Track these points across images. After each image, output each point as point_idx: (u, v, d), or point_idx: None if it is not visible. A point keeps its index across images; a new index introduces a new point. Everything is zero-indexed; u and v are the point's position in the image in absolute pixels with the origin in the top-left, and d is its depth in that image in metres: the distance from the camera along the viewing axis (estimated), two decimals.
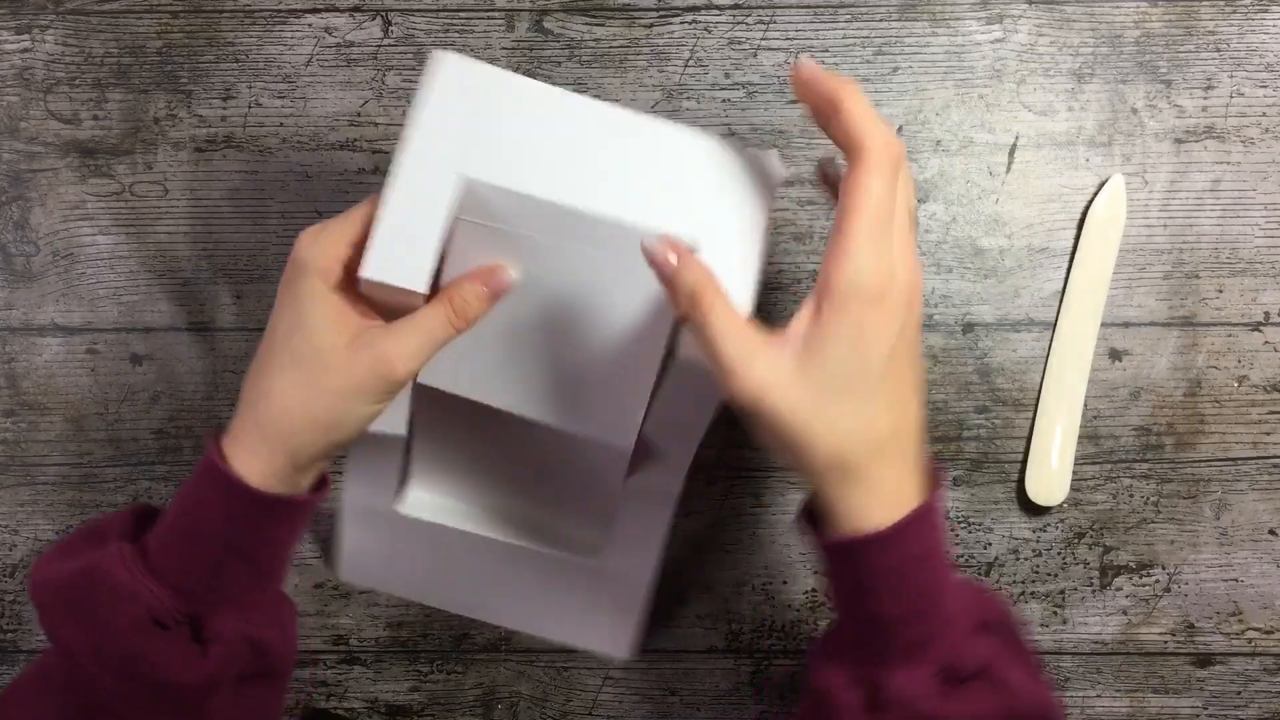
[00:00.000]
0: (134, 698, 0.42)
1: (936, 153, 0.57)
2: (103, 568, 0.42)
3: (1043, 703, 0.42)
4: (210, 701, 0.43)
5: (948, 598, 0.42)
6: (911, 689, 0.41)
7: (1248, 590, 0.57)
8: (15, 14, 0.57)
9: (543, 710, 0.58)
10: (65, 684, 0.43)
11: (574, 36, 0.57)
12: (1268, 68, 0.57)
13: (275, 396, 0.42)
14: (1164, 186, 0.57)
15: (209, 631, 0.43)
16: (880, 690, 0.41)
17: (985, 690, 0.41)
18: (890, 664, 0.41)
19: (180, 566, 0.42)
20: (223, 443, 0.43)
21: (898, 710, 0.40)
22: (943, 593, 0.42)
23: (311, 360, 0.42)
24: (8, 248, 0.57)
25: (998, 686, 0.41)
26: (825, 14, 0.57)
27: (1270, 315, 0.57)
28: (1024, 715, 0.41)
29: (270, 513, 0.43)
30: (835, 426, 0.40)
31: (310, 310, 0.42)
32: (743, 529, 0.58)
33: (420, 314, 0.43)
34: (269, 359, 0.43)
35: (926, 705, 0.40)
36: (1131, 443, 0.57)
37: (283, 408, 0.42)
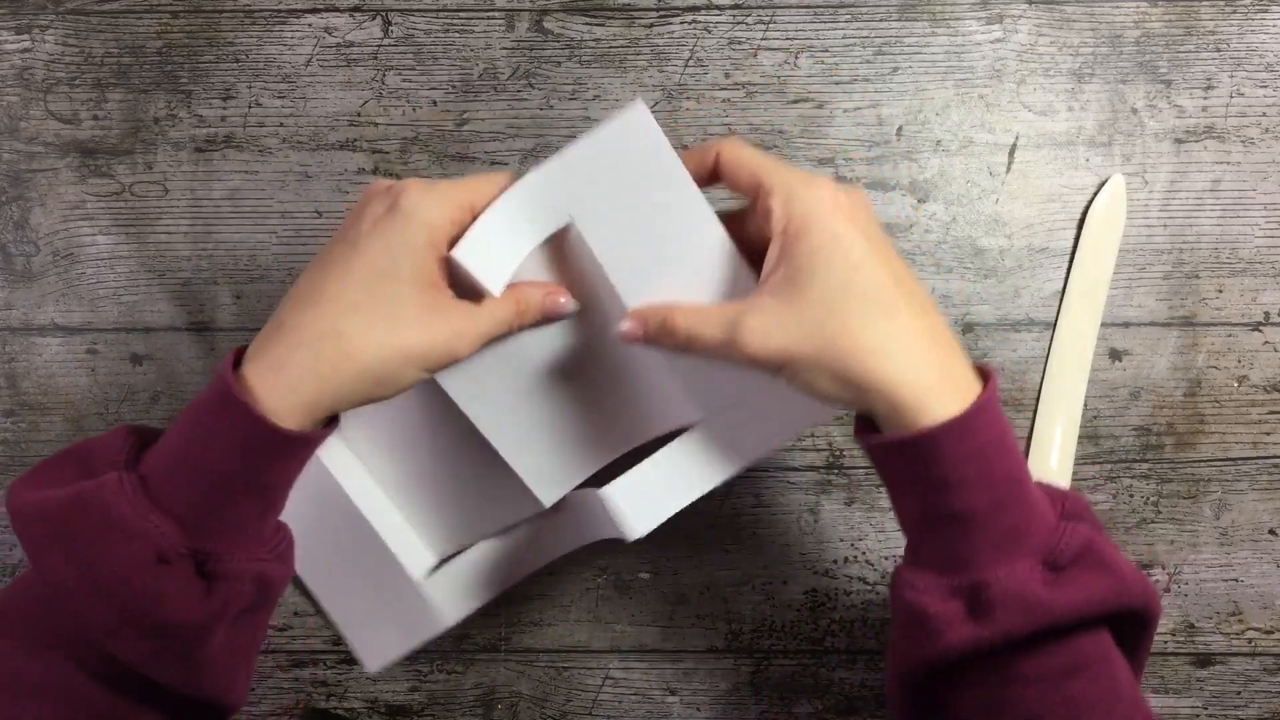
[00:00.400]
0: (129, 634, 0.40)
1: (936, 153, 0.57)
2: (100, 498, 0.39)
3: (1148, 585, 0.40)
4: (211, 638, 0.41)
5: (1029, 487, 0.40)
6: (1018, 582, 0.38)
7: (1248, 590, 0.57)
8: (15, 14, 0.57)
9: (543, 710, 0.58)
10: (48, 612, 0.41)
11: (574, 36, 0.57)
12: (1268, 68, 0.57)
13: (348, 338, 0.40)
14: (1164, 186, 0.57)
15: (214, 567, 0.40)
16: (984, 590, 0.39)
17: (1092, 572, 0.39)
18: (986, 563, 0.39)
19: (187, 499, 0.40)
20: (247, 370, 0.41)
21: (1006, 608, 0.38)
22: (1025, 480, 0.40)
23: (393, 311, 0.41)
24: (8, 248, 0.57)
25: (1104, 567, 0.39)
26: (825, 14, 0.57)
27: (1270, 315, 0.57)
28: (1134, 596, 0.39)
29: (289, 449, 0.41)
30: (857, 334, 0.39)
31: (406, 261, 0.41)
32: (743, 529, 0.58)
33: (494, 303, 0.44)
34: (341, 295, 0.41)
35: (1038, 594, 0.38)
36: (1131, 443, 0.57)
37: (349, 351, 0.40)
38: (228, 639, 0.42)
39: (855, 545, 0.57)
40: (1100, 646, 0.40)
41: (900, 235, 0.57)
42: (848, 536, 0.57)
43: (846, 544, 0.57)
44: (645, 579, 0.58)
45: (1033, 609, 0.38)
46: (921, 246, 0.57)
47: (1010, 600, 0.38)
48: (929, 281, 0.57)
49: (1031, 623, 0.38)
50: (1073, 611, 0.38)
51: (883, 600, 0.57)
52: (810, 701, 0.58)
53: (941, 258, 0.57)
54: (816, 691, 0.58)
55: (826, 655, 0.58)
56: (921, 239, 0.57)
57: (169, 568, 0.39)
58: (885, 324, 0.39)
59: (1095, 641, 0.39)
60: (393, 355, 0.41)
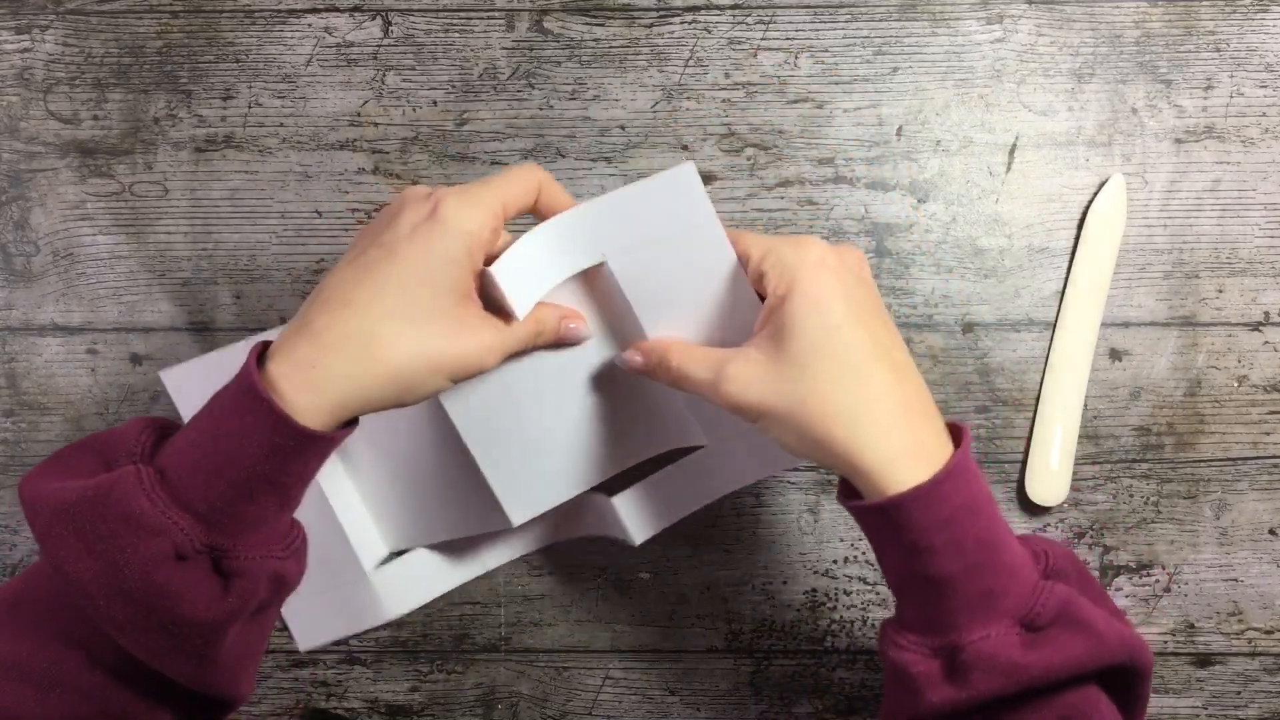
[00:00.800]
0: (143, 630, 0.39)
1: (936, 153, 0.57)
2: (119, 492, 0.39)
3: (1130, 641, 0.40)
4: (225, 635, 0.41)
5: (1007, 547, 0.41)
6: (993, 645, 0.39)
7: (1248, 590, 0.57)
8: (15, 14, 0.57)
9: (543, 710, 0.58)
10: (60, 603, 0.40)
11: (574, 36, 0.57)
12: (1268, 68, 0.57)
13: (383, 343, 0.41)
14: (1164, 186, 0.57)
15: (231, 565, 0.40)
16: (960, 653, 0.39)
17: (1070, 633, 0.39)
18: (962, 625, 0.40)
19: (206, 496, 0.39)
20: (272, 368, 0.40)
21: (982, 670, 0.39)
22: (1001, 542, 0.40)
23: (429, 320, 0.41)
24: (8, 248, 0.57)
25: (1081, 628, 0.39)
26: (825, 14, 0.57)
27: (1270, 315, 0.57)
28: (1114, 654, 0.39)
29: (312, 448, 0.41)
30: (827, 394, 0.40)
31: (444, 271, 0.41)
32: (743, 529, 0.58)
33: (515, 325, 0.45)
34: (376, 300, 0.41)
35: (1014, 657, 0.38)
36: (1131, 443, 0.57)
37: (380, 356, 0.41)
38: (240, 635, 0.42)
39: (855, 545, 0.57)
40: (1087, 702, 0.39)
41: (900, 235, 0.57)
42: (848, 536, 0.57)
43: (846, 544, 0.57)
44: (645, 579, 0.58)
45: (1009, 672, 0.38)
46: (921, 246, 0.57)
47: (986, 663, 0.39)
48: (929, 281, 0.57)
49: (1009, 685, 0.38)
50: (1049, 673, 0.38)
51: (883, 600, 0.57)
52: (810, 701, 0.58)
53: (941, 258, 0.57)
54: (816, 691, 0.58)
55: (826, 655, 0.58)
56: (921, 239, 0.57)
57: (187, 564, 0.39)
58: (856, 389, 0.40)
59: (1082, 696, 0.39)
60: (424, 363, 0.41)
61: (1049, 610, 0.39)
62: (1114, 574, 0.57)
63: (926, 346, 0.57)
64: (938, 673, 0.40)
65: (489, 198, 0.43)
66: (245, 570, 0.40)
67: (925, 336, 0.57)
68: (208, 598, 0.40)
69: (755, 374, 0.42)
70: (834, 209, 0.57)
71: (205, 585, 0.40)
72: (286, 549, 0.43)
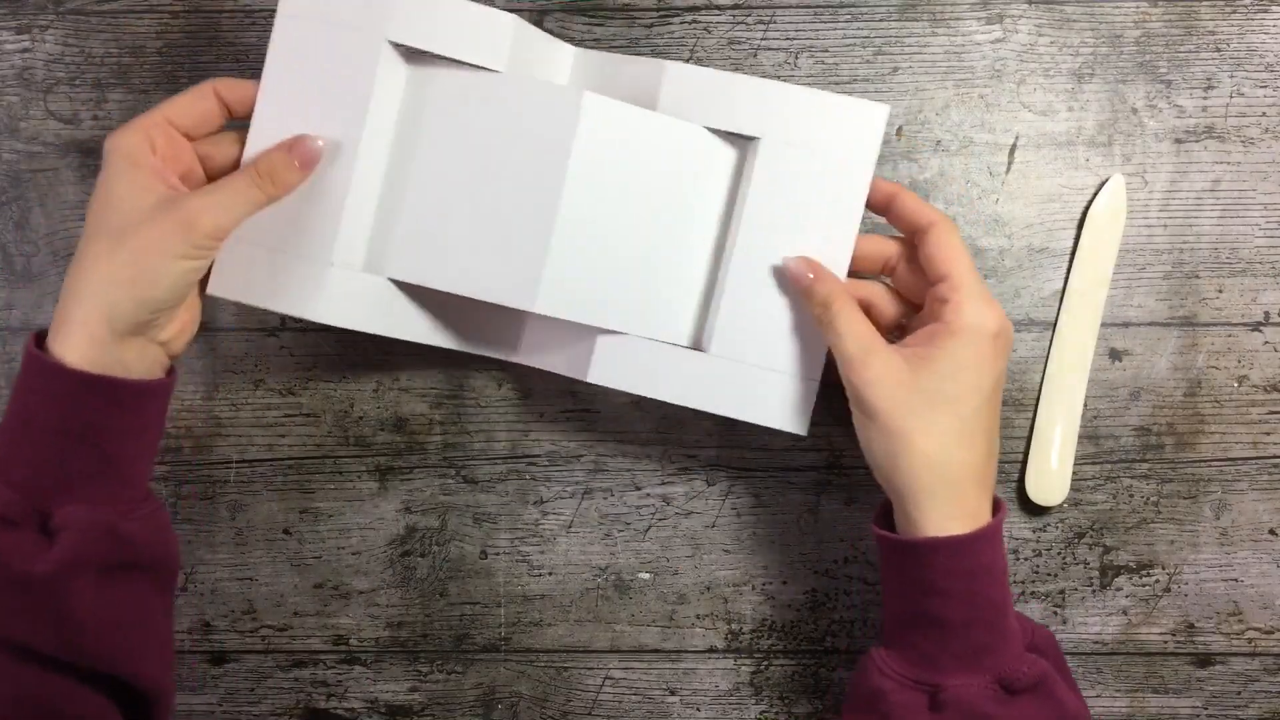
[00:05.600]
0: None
1: (936, 153, 0.57)
2: None
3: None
4: (68, 591, 0.42)
5: (1008, 614, 0.45)
6: (970, 693, 0.43)
7: (1248, 590, 0.57)
8: (15, 14, 0.57)
9: (543, 710, 0.58)
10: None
11: (574, 36, 0.57)
12: (1268, 68, 0.57)
13: (85, 264, 0.43)
14: (1164, 186, 0.57)
15: (55, 521, 0.42)
16: (941, 691, 0.43)
17: (1041, 703, 0.43)
18: (950, 669, 0.44)
19: (19, 460, 0.43)
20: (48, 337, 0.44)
21: (957, 711, 0.43)
22: (1005, 608, 0.45)
23: (118, 225, 0.43)
24: (8, 248, 0.57)
25: (1051, 702, 0.43)
26: (825, 14, 0.57)
27: (1270, 315, 0.57)
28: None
29: (98, 393, 0.43)
30: (937, 435, 0.44)
31: (116, 183, 0.44)
32: (743, 529, 0.58)
33: (229, 176, 0.46)
34: (83, 242, 0.44)
35: (986, 710, 0.42)
36: (1131, 443, 0.57)
37: (90, 270, 0.43)
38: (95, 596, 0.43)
39: (855, 545, 0.57)
40: None
41: None
42: (848, 536, 0.57)
43: (846, 544, 0.57)
44: (645, 579, 0.58)
45: None
46: None
47: (961, 707, 0.43)
48: None
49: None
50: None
51: None
52: (810, 701, 0.58)
53: None
54: (816, 691, 0.58)
55: (826, 655, 0.58)
56: None
57: (15, 528, 0.42)
58: (960, 450, 0.44)
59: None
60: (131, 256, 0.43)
61: (1027, 679, 0.43)
62: (1114, 574, 0.57)
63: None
64: (919, 704, 0.44)
65: (142, 115, 0.46)
66: (68, 524, 0.42)
67: None
68: (30, 551, 0.42)
69: (894, 380, 0.45)
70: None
71: (31, 543, 0.42)
72: (127, 512, 0.44)
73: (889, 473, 0.45)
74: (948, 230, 0.47)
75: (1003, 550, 0.45)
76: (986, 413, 0.45)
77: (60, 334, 0.43)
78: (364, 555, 0.58)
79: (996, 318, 0.46)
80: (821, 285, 0.48)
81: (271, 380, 0.57)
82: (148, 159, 0.45)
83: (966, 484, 0.44)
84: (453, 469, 0.58)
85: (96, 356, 0.43)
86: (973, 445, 0.45)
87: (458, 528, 0.58)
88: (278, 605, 0.58)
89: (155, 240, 0.43)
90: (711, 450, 0.57)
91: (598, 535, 0.58)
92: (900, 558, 0.45)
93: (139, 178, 0.44)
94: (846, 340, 0.46)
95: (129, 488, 0.45)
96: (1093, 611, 0.57)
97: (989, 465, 0.46)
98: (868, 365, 0.45)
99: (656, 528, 0.58)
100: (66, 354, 0.43)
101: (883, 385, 0.45)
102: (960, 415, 0.44)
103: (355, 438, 0.58)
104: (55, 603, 0.42)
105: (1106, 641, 0.57)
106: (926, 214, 0.48)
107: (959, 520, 0.44)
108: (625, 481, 0.58)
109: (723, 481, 0.58)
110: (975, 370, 0.45)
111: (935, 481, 0.44)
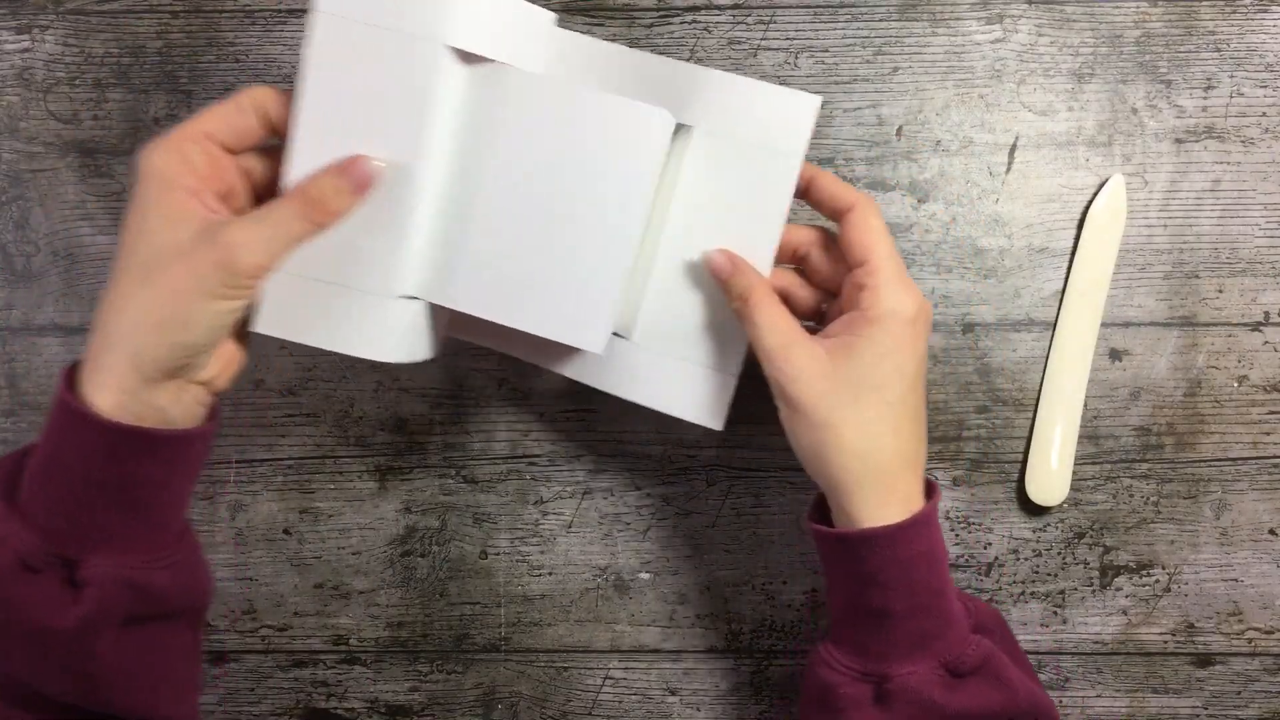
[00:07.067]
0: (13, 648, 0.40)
1: (936, 153, 0.57)
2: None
3: (1039, 701, 0.44)
4: (94, 645, 0.41)
5: (949, 598, 0.44)
6: (916, 680, 0.43)
7: (1248, 590, 0.57)
8: (15, 14, 0.57)
9: (543, 710, 0.58)
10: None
11: None
12: (1268, 68, 0.57)
13: (117, 302, 0.40)
14: (1164, 186, 0.57)
15: (81, 574, 0.40)
16: (887, 681, 0.43)
17: (986, 685, 0.43)
18: (895, 659, 0.43)
19: (46, 507, 0.40)
20: (79, 373, 0.41)
21: (904, 701, 0.43)
22: (946, 592, 0.44)
23: (148, 258, 0.40)
24: (8, 248, 0.57)
25: (998, 682, 0.43)
26: (825, 14, 0.57)
27: (1270, 315, 0.57)
28: (1023, 709, 0.43)
29: (131, 445, 0.40)
30: (863, 424, 0.43)
31: (149, 209, 0.40)
32: (743, 529, 0.58)
33: (272, 204, 0.42)
34: (115, 271, 0.41)
35: (933, 695, 0.42)
36: (1131, 443, 0.57)
37: (121, 311, 0.40)
38: (119, 650, 0.42)
39: None
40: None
41: (900, 235, 0.57)
42: None
43: None
44: (645, 579, 0.58)
45: (927, 708, 0.43)
46: (921, 246, 0.57)
47: (909, 695, 0.43)
48: (929, 281, 0.57)
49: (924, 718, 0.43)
50: (961, 716, 0.43)
51: None
52: None
53: (941, 258, 0.57)
54: None
55: None
56: (921, 239, 0.57)
57: (37, 576, 0.40)
58: (888, 436, 0.44)
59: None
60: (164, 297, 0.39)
61: (972, 660, 0.43)
62: (1114, 574, 0.57)
63: (927, 346, 0.57)
64: (866, 696, 0.44)
65: (179, 130, 0.41)
66: (93, 579, 0.40)
67: None
68: (55, 605, 0.40)
69: (817, 371, 0.44)
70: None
71: (54, 594, 0.40)
72: (155, 560, 0.42)
73: (819, 465, 0.44)
74: (869, 212, 0.46)
75: (939, 534, 0.45)
76: (912, 398, 0.45)
77: (92, 378, 0.40)
78: (364, 555, 0.58)
79: (914, 301, 0.45)
80: (740, 278, 0.46)
81: (271, 380, 0.57)
82: (184, 179, 0.40)
83: (898, 471, 0.44)
84: (453, 469, 0.58)
85: (129, 404, 0.40)
86: (900, 431, 0.44)
87: (458, 528, 0.58)
88: (278, 605, 0.58)
89: (188, 279, 0.39)
90: (711, 450, 0.57)
91: (598, 535, 0.58)
92: (838, 551, 0.45)
93: (174, 202, 0.40)
94: (766, 333, 0.45)
95: (162, 532, 0.43)
96: (1093, 611, 0.57)
97: (919, 450, 0.45)
98: (789, 358, 0.44)
99: (656, 528, 0.58)
100: (98, 399, 0.40)
101: (806, 378, 0.44)
102: (886, 402, 0.44)
103: (355, 438, 0.58)
104: (76, 657, 0.41)
105: (1106, 641, 0.57)
106: (846, 195, 0.46)
107: (892, 508, 0.43)
108: (625, 481, 0.58)
109: (723, 481, 0.58)
110: (897, 356, 0.44)
111: (866, 471, 0.43)
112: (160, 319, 0.39)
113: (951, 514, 0.57)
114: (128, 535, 0.41)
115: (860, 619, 0.44)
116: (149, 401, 0.40)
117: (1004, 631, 0.48)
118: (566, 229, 0.45)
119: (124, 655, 0.42)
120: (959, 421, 0.57)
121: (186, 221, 0.40)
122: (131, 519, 0.41)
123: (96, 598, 0.40)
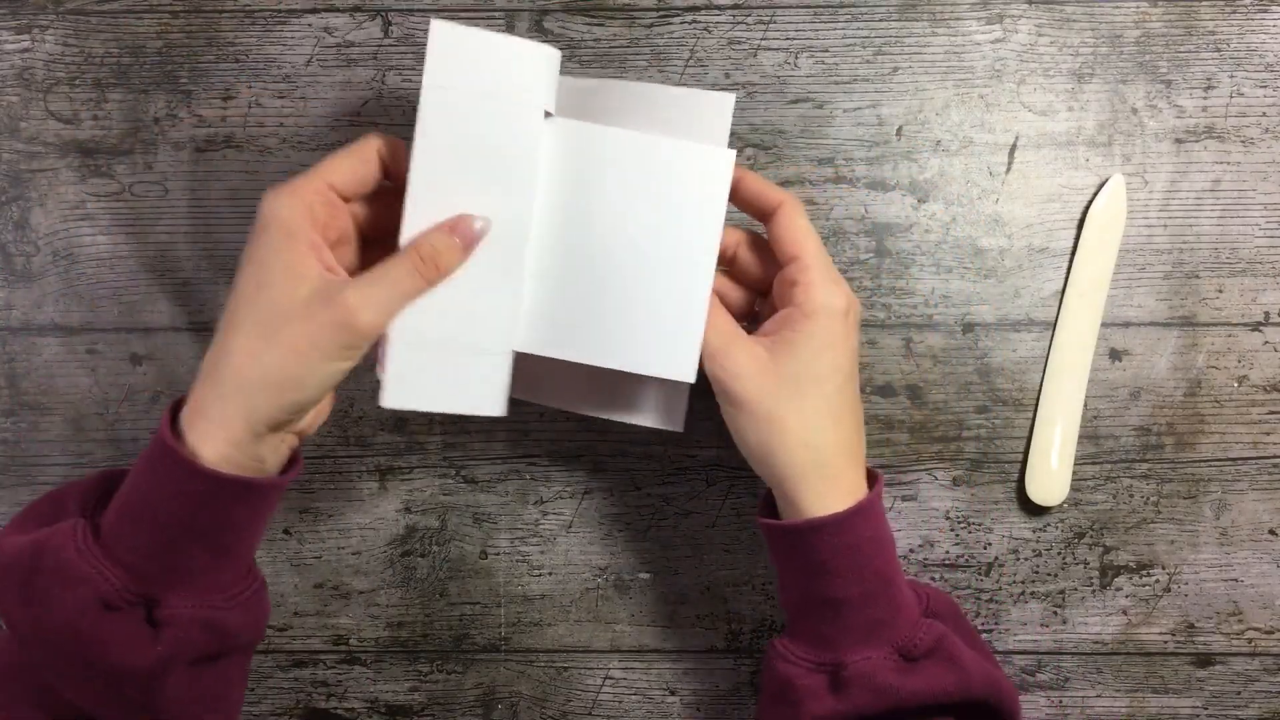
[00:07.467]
0: (79, 678, 0.41)
1: (936, 153, 0.57)
2: (52, 545, 0.41)
3: (994, 679, 0.45)
4: (164, 684, 0.41)
5: (898, 585, 0.46)
6: (870, 665, 0.44)
7: (1248, 590, 0.57)
8: (15, 14, 0.57)
9: (543, 710, 0.58)
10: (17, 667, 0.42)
11: (574, 36, 0.57)
12: (1268, 68, 0.57)
13: (233, 355, 0.41)
14: (1164, 186, 0.57)
15: (162, 614, 0.41)
16: (843, 669, 0.44)
17: (939, 667, 0.44)
18: (850, 646, 0.44)
19: (132, 546, 0.41)
20: (181, 414, 0.42)
21: (860, 687, 0.43)
22: (894, 579, 0.46)
23: (271, 315, 0.41)
24: (8, 248, 0.57)
25: (951, 664, 0.44)
26: (825, 14, 0.57)
27: (1270, 315, 0.57)
28: (977, 689, 0.45)
29: (228, 494, 0.41)
30: (806, 416, 0.44)
31: (272, 260, 0.41)
32: (743, 529, 0.58)
33: (386, 263, 0.43)
34: (231, 320, 0.42)
35: (888, 680, 0.43)
36: (1131, 443, 0.57)
37: (238, 366, 0.41)
38: (186, 686, 0.42)
39: None
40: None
41: (900, 235, 0.57)
42: None
43: None
44: (645, 579, 0.58)
45: (882, 691, 0.43)
46: (921, 246, 0.57)
47: (863, 681, 0.44)
48: (929, 281, 0.57)
49: (880, 703, 0.43)
50: (917, 698, 0.44)
51: None
52: None
53: (941, 258, 0.57)
54: None
55: None
56: (921, 239, 0.57)
57: (117, 614, 0.41)
58: (831, 428, 0.45)
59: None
60: (282, 355, 0.41)
61: (924, 644, 0.45)
62: (1114, 574, 0.57)
63: (926, 346, 0.57)
64: (822, 685, 0.44)
65: (305, 180, 0.43)
66: (175, 619, 0.41)
67: (925, 336, 0.57)
68: (136, 646, 0.41)
69: (756, 369, 0.45)
70: (834, 209, 0.57)
71: (134, 634, 0.41)
72: (228, 599, 0.43)
73: (765, 460, 0.45)
74: (795, 211, 0.47)
75: (884, 521, 0.46)
76: (849, 389, 0.46)
77: (196, 425, 0.41)
78: (364, 555, 0.58)
79: (845, 295, 0.46)
80: None
81: None
82: (306, 233, 0.41)
83: (841, 461, 0.45)
84: (453, 469, 0.58)
85: (233, 455, 0.41)
86: (841, 422, 0.45)
87: (458, 528, 0.58)
88: (278, 605, 0.58)
89: (309, 339, 0.40)
90: (711, 450, 0.57)
91: (598, 535, 0.58)
92: (787, 543, 0.46)
93: (296, 256, 0.41)
94: (708, 334, 0.46)
95: (238, 573, 0.44)
96: (1093, 611, 0.57)
97: (858, 440, 0.47)
98: (730, 356, 0.45)
99: (656, 528, 0.58)
100: (204, 449, 0.40)
101: (748, 374, 0.45)
102: (825, 395, 0.45)
103: (355, 438, 0.58)
104: (146, 694, 0.41)
105: (1106, 641, 0.57)
106: (773, 195, 0.47)
107: (837, 497, 0.45)
108: (625, 481, 0.58)
109: (723, 481, 0.58)
110: (833, 350, 0.45)
111: (811, 462, 0.44)
112: (279, 380, 0.41)
113: (951, 514, 0.57)
114: (209, 574, 0.42)
115: (813, 609, 0.45)
116: (253, 454, 0.42)
117: (958, 617, 0.49)
118: (646, 268, 0.47)
119: (189, 690, 0.43)
120: (959, 421, 0.57)
121: (306, 279, 0.41)
122: (215, 561, 0.42)
123: (174, 638, 0.41)
